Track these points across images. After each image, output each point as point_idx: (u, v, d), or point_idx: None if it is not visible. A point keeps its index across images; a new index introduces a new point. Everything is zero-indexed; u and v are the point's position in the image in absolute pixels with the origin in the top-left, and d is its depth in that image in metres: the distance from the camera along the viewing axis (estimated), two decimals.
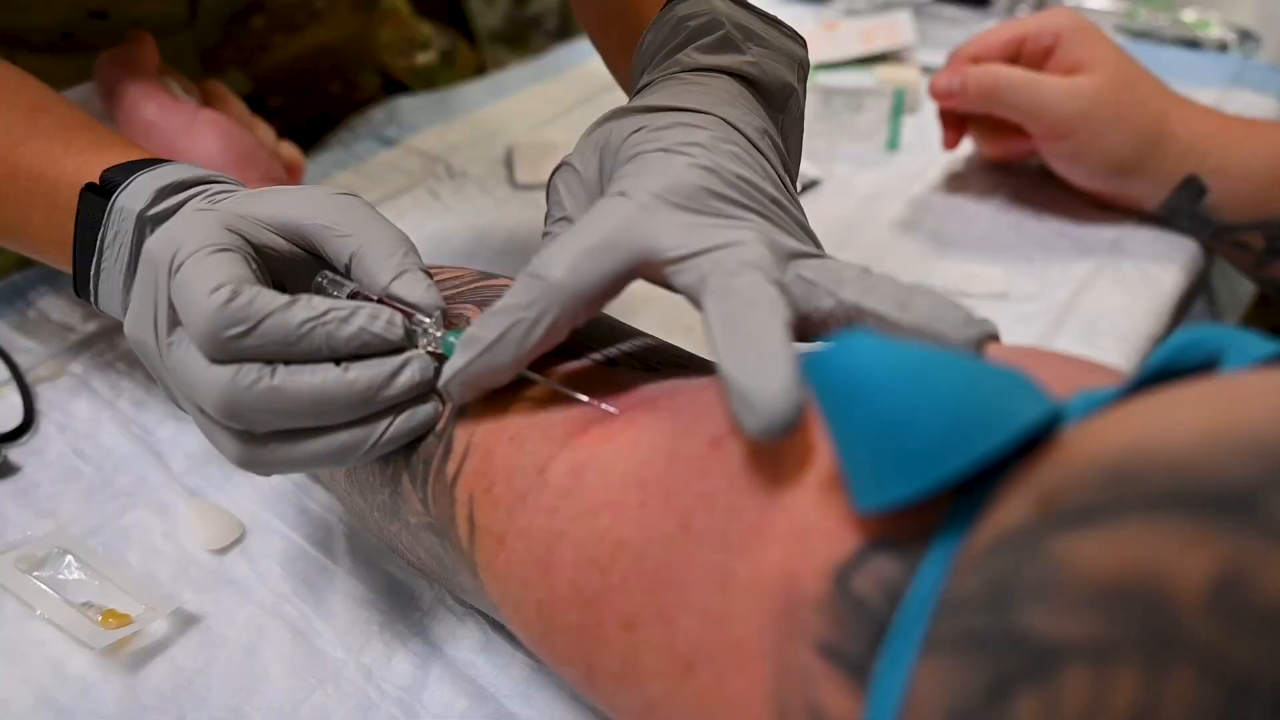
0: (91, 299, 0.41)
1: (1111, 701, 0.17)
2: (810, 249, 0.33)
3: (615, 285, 0.33)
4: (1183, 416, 0.20)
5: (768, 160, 0.36)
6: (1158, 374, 0.23)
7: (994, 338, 0.28)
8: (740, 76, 0.40)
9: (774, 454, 0.27)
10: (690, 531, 0.27)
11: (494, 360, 0.33)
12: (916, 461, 0.21)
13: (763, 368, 0.26)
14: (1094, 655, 0.17)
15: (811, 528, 0.25)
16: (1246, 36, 0.95)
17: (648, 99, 0.39)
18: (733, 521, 0.26)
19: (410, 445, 0.36)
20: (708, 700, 0.26)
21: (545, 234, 0.38)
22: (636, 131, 0.36)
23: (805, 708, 0.23)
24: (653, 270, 0.33)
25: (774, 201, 0.34)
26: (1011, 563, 0.20)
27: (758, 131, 0.37)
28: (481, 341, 0.33)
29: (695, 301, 0.31)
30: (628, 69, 0.48)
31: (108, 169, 0.40)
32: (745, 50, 0.41)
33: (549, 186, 0.39)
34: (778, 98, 0.41)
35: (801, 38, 0.43)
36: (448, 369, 0.33)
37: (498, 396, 0.35)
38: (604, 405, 0.33)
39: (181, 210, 0.39)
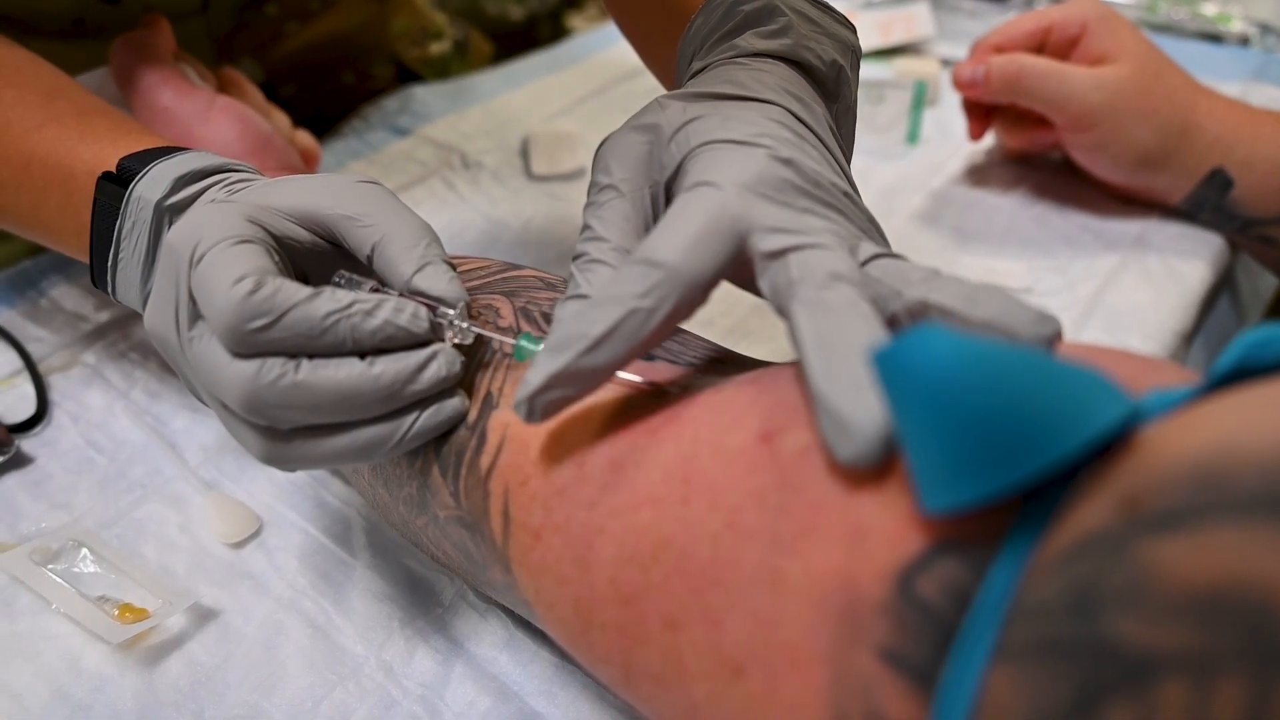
0: (109, 290, 0.40)
1: (1213, 715, 0.16)
2: (881, 248, 0.32)
3: (724, 272, 0.31)
4: (1271, 417, 0.19)
5: (830, 153, 0.35)
6: (1232, 373, 0.22)
7: (1060, 336, 0.27)
8: (796, 63, 0.39)
9: (827, 451, 0.26)
10: (738, 529, 0.26)
11: (597, 360, 0.29)
12: (992, 462, 0.20)
13: (860, 394, 0.25)
14: (1193, 666, 0.17)
15: (871, 528, 0.24)
16: (1268, 30, 0.94)
17: (708, 85, 0.37)
18: (784, 520, 0.25)
19: (441, 437, 0.35)
20: (758, 704, 0.25)
21: (589, 204, 0.36)
22: (700, 119, 0.35)
23: (865, 714, 0.22)
24: (743, 261, 0.31)
25: (846, 195, 0.33)
26: (1096, 568, 0.19)
27: (820, 122, 0.37)
28: (583, 339, 0.29)
29: (779, 305, 0.30)
30: (662, 53, 0.47)
31: (124, 157, 0.40)
32: (802, 36, 0.39)
33: (596, 156, 0.37)
34: (832, 86, 0.40)
35: (851, 24, 0.42)
36: (533, 378, 0.30)
37: None
38: (653, 381, 0.32)
39: (200, 200, 0.38)
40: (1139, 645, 0.17)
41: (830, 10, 0.42)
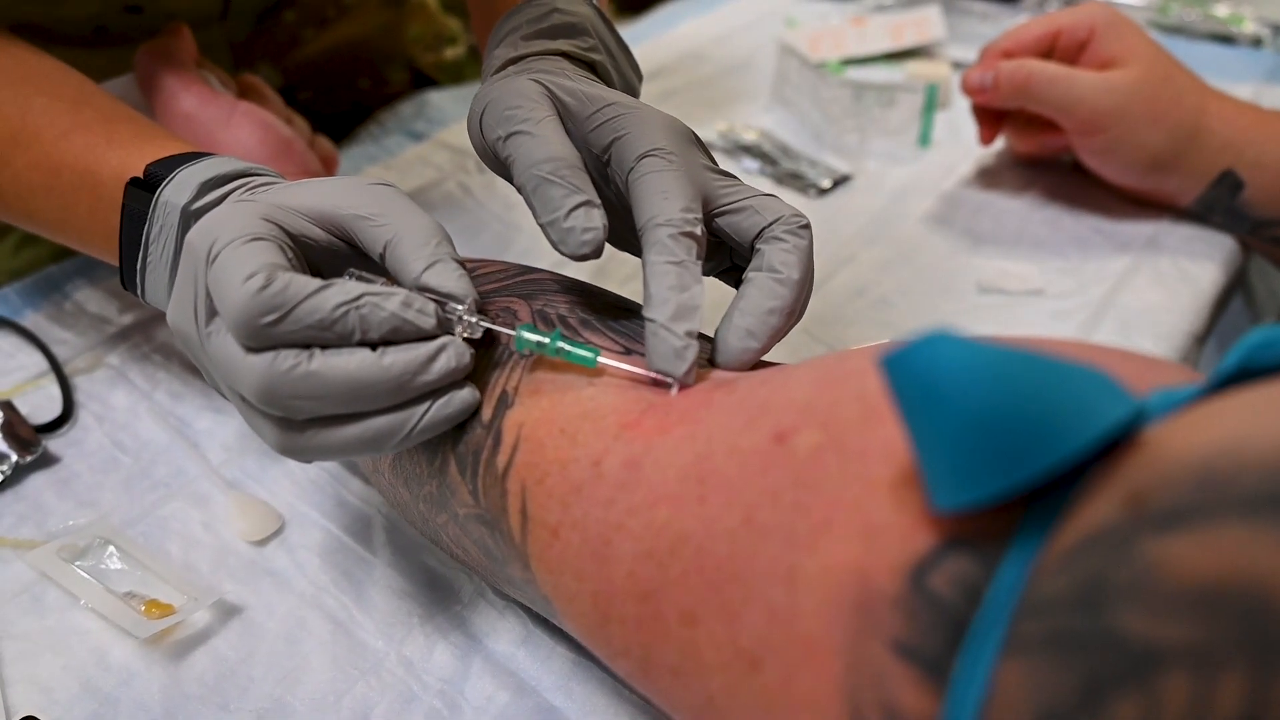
0: (138, 292, 0.41)
1: (1215, 706, 0.17)
2: None
3: None
4: (1273, 418, 0.19)
5: None
6: (1236, 373, 0.23)
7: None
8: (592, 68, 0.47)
9: (841, 451, 0.27)
10: (754, 527, 0.27)
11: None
12: (1000, 462, 0.21)
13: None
14: (1195, 659, 0.17)
15: (885, 525, 0.24)
16: None
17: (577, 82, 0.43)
18: (799, 518, 0.26)
19: (457, 436, 0.36)
20: (774, 697, 0.25)
21: (520, 128, 0.39)
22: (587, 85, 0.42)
23: (879, 705, 0.23)
24: None
25: None
26: (1102, 563, 0.19)
27: None
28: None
29: (749, 242, 0.39)
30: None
31: (151, 163, 0.41)
32: (611, 58, 0.48)
33: (489, 110, 0.41)
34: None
35: (640, 72, 0.51)
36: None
37: (542, 388, 0.35)
38: (664, 376, 0.33)
39: (223, 203, 0.39)
40: (1143, 638, 0.18)
41: (629, 53, 0.50)
